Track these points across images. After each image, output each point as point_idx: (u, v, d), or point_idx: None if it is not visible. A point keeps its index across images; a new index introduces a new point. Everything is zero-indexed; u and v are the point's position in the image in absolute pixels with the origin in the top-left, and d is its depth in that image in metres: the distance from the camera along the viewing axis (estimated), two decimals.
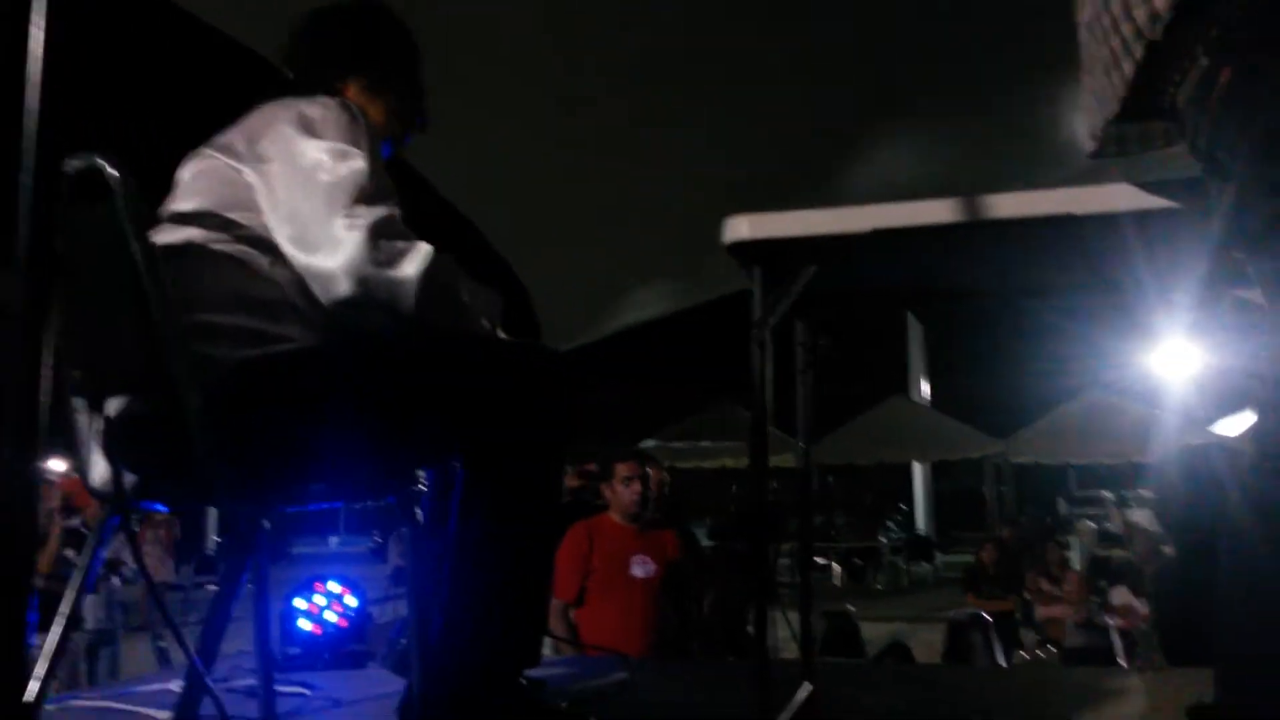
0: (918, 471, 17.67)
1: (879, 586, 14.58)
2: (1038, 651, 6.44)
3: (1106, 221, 1.31)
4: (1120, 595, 6.22)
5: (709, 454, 14.58)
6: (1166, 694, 1.92)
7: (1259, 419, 0.92)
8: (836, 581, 14.49)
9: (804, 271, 1.37)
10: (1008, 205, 1.31)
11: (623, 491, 3.98)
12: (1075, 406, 13.03)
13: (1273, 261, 0.88)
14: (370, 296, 1.45)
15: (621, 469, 4.02)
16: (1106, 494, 21.68)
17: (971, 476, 23.23)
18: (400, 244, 1.46)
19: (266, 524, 1.53)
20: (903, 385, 17.21)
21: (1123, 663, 5.47)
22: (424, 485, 1.62)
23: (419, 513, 1.58)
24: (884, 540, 16.45)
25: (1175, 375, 9.09)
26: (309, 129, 1.51)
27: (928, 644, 6.96)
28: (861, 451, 13.93)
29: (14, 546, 0.73)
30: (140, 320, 1.38)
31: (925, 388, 17.72)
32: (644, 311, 7.34)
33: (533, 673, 1.55)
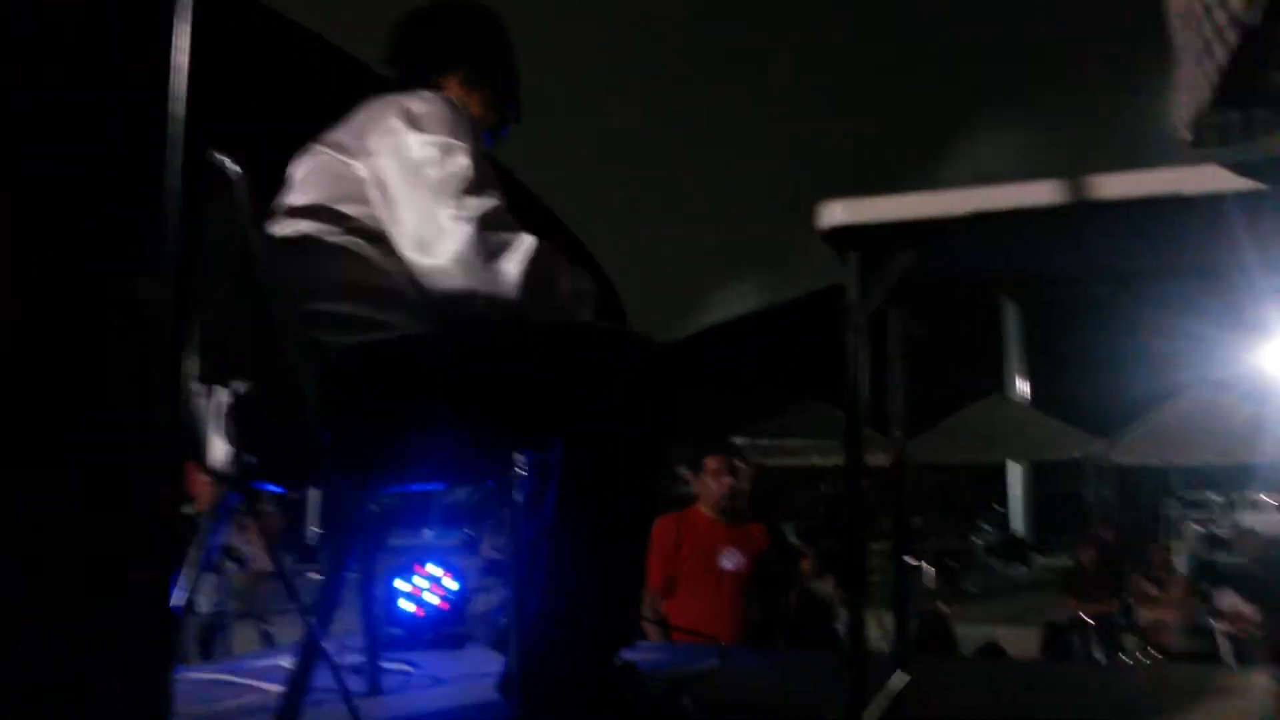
0: (1015, 471, 17.23)
1: (972, 589, 14.25)
2: (1139, 655, 6.22)
3: (1212, 204, 1.27)
4: (1228, 599, 5.98)
5: (797, 452, 14.47)
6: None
7: None
8: (928, 583, 14.22)
9: (901, 256, 1.37)
10: (1112, 186, 1.28)
11: (712, 485, 4.00)
12: (1180, 405, 12.53)
13: None
14: (477, 287, 1.50)
15: (711, 463, 4.04)
16: (1214, 496, 20.83)
17: (1071, 478, 22.54)
18: (505, 235, 1.51)
19: (374, 506, 1.58)
20: (998, 381, 16.79)
21: (1232, 665, 5.26)
22: (522, 469, 1.66)
23: (517, 496, 1.62)
24: (978, 541, 16.08)
25: None
26: (414, 123, 1.57)
27: (1023, 648, 6.79)
28: (956, 450, 13.64)
29: (163, 531, 0.78)
30: (257, 307, 1.45)
31: (1022, 385, 17.25)
32: (730, 308, 7.32)
33: (625, 655, 1.58)
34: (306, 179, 1.66)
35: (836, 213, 1.38)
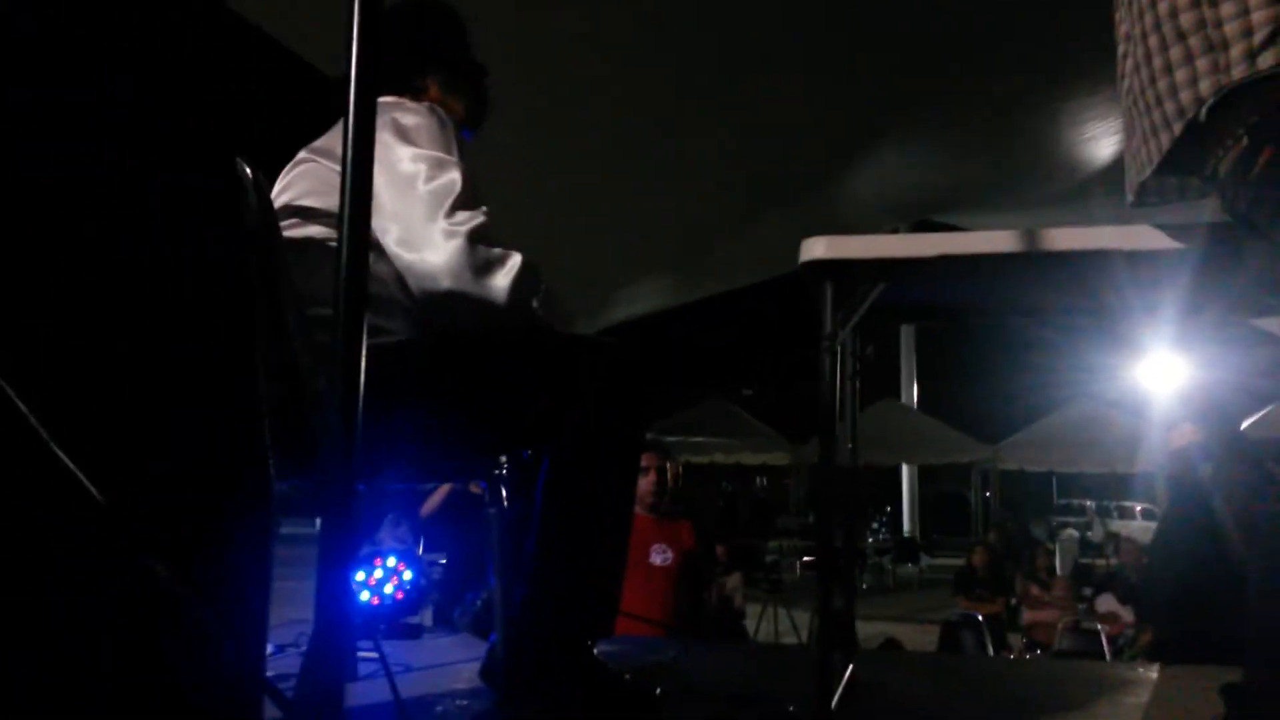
0: (905, 474, 17.85)
1: (864, 586, 14.76)
2: (1025, 654, 6.62)
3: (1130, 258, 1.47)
4: (1105, 603, 6.40)
5: (701, 449, 14.73)
6: (1173, 685, 2.08)
7: None
8: None
9: (874, 289, 1.52)
10: (1056, 239, 1.47)
11: (640, 481, 4.11)
12: (1063, 416, 13.21)
13: None
14: (465, 296, 1.58)
15: (640, 459, 4.14)
16: (1089, 503, 22.03)
17: (957, 481, 23.51)
18: (495, 251, 1.59)
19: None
20: (894, 390, 17.37)
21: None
22: (506, 468, 1.76)
23: (504, 492, 1.73)
24: (870, 541, 16.62)
25: (1162, 388, 9.28)
26: (404, 137, 1.63)
27: (917, 643, 7.14)
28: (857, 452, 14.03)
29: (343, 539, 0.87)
30: (271, 309, 1.51)
31: (915, 392, 17.89)
32: (635, 307, 7.48)
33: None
34: (298, 184, 1.70)
35: (817, 248, 1.53)
